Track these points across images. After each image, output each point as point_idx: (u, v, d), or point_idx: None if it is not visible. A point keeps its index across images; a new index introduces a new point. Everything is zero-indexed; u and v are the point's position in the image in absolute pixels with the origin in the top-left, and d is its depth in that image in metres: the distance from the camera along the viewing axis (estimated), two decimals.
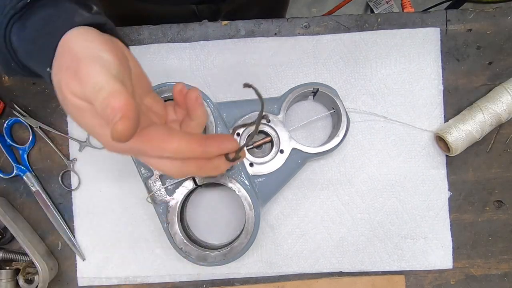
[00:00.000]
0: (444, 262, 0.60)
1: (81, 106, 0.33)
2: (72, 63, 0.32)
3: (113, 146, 0.35)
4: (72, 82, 0.32)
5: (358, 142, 0.60)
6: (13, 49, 0.37)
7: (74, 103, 0.33)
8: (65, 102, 0.34)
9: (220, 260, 0.53)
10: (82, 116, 0.34)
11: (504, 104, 0.57)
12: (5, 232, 0.59)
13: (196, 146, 0.35)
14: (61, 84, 0.33)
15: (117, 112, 0.29)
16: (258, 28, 0.60)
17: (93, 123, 0.34)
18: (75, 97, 0.33)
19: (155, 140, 0.34)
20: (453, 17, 0.60)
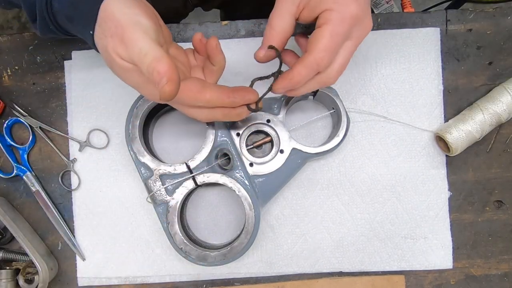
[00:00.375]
0: (444, 262, 0.60)
1: (127, 67, 0.39)
2: (117, 29, 0.37)
3: (158, 98, 0.41)
4: (119, 47, 0.37)
5: (358, 142, 0.60)
6: (53, 13, 0.41)
7: (122, 65, 0.39)
8: (112, 64, 0.39)
9: (220, 260, 0.53)
10: (129, 76, 0.40)
11: (504, 104, 0.57)
12: (5, 232, 0.59)
13: (224, 97, 0.42)
14: (107, 49, 0.38)
15: (163, 76, 0.35)
16: (258, 28, 0.60)
17: (139, 80, 0.40)
18: (122, 60, 0.38)
19: (192, 92, 0.41)
20: (453, 17, 0.60)
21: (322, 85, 0.46)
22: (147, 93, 0.41)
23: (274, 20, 0.43)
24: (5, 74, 0.60)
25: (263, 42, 0.44)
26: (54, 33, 0.44)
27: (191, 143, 0.60)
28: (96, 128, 0.60)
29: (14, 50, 0.60)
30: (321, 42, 0.41)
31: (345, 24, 0.41)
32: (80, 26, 0.40)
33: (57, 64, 0.60)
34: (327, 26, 0.41)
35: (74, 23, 0.41)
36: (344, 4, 0.40)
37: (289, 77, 0.43)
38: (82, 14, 0.40)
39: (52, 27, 0.42)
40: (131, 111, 0.53)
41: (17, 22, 1.61)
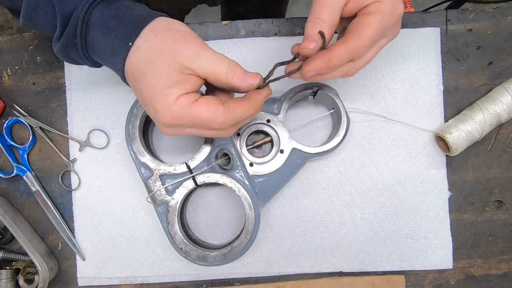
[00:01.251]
0: (444, 262, 0.60)
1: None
2: (184, 37, 0.39)
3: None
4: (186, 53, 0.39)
5: (358, 142, 0.60)
6: (87, 24, 0.41)
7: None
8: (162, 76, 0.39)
9: (220, 260, 0.53)
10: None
11: (504, 104, 0.57)
12: (5, 232, 0.59)
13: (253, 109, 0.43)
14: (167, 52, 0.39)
15: (255, 82, 0.41)
16: (258, 28, 0.60)
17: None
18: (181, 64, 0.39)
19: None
20: (453, 17, 0.60)
21: (343, 75, 0.46)
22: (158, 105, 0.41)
23: (324, 12, 0.42)
24: (5, 74, 0.60)
25: (308, 34, 0.43)
26: (74, 47, 0.43)
27: (191, 143, 0.60)
28: (96, 128, 0.60)
29: (14, 50, 0.60)
30: (369, 30, 0.41)
31: (392, 19, 0.42)
32: (119, 37, 0.40)
33: (57, 64, 0.60)
34: (377, 16, 0.41)
35: (112, 35, 0.40)
36: (396, 0, 0.42)
37: (327, 58, 0.42)
38: (125, 26, 0.40)
39: (78, 39, 0.42)
40: (131, 111, 0.53)
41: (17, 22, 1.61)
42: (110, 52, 0.41)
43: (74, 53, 0.43)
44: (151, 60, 0.39)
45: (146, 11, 0.42)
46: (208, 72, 0.40)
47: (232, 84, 0.41)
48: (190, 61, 0.39)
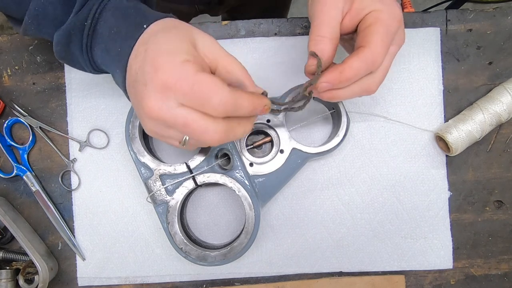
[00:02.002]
0: (444, 262, 0.60)
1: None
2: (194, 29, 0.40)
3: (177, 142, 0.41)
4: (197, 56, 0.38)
5: (358, 142, 0.60)
6: (101, 11, 0.41)
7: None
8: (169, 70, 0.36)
9: (220, 260, 0.53)
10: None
11: (504, 104, 0.57)
12: (5, 232, 0.59)
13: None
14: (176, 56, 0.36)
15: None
16: (258, 28, 0.60)
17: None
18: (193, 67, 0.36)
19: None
20: (453, 17, 0.60)
21: (364, 91, 0.45)
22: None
23: (323, 29, 0.42)
24: (5, 74, 0.60)
25: (309, 52, 0.44)
26: (81, 36, 0.42)
27: None
28: (96, 128, 0.60)
29: (14, 50, 0.60)
30: (377, 37, 0.41)
31: (393, 24, 0.42)
32: (134, 23, 0.40)
33: (57, 64, 0.60)
34: (380, 23, 0.41)
35: (128, 20, 0.40)
36: (391, 5, 0.42)
37: (340, 70, 0.42)
38: (143, 13, 0.41)
39: (87, 28, 0.41)
40: (131, 111, 0.53)
41: None
42: (122, 37, 0.40)
43: (76, 44, 0.42)
44: (165, 28, 0.39)
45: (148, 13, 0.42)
46: (219, 60, 0.39)
47: (241, 80, 0.39)
48: (204, 44, 0.39)
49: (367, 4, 0.42)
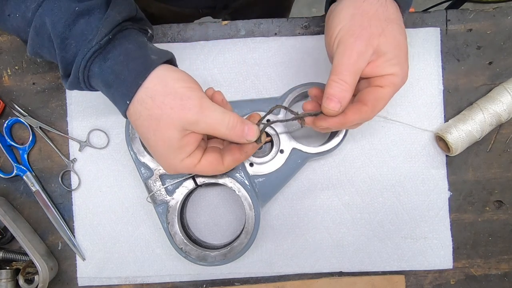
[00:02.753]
0: (444, 262, 0.60)
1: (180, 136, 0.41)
2: (181, 102, 0.40)
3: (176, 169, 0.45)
4: (189, 116, 0.40)
5: (358, 142, 0.60)
6: (89, 76, 0.42)
7: (175, 135, 0.41)
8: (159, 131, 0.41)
9: (220, 260, 0.53)
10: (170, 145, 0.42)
11: (504, 104, 0.57)
12: (5, 232, 0.59)
13: (241, 158, 0.46)
14: (165, 118, 0.40)
15: (252, 138, 0.44)
16: (258, 28, 0.60)
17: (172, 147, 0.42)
18: (179, 130, 0.41)
19: (212, 165, 0.45)
20: (453, 17, 0.60)
21: (352, 127, 0.49)
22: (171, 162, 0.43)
23: (347, 76, 0.43)
24: (5, 74, 0.60)
25: (331, 93, 0.44)
26: (82, 89, 0.45)
27: None
28: (96, 128, 0.60)
29: (14, 50, 0.60)
30: (384, 102, 0.45)
31: (403, 82, 0.45)
32: (118, 94, 0.41)
33: (57, 64, 0.60)
34: (392, 87, 0.44)
35: (111, 89, 0.42)
36: (405, 66, 0.45)
37: (342, 121, 0.45)
38: (123, 84, 0.41)
39: (83, 86, 0.43)
40: None
41: None
42: (112, 101, 0.43)
43: (80, 88, 0.45)
44: (152, 129, 0.41)
45: (142, 60, 0.41)
46: (207, 132, 0.42)
47: (231, 140, 0.44)
48: (189, 126, 0.41)
49: (388, 65, 0.44)
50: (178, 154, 0.42)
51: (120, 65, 0.41)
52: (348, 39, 0.43)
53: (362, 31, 0.43)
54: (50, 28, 0.40)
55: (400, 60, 0.44)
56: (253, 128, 0.43)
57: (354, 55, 0.43)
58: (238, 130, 0.42)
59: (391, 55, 0.43)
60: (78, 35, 0.40)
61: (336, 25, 0.44)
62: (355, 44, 0.42)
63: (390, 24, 0.43)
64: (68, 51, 0.41)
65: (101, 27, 0.40)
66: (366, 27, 0.43)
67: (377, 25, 0.43)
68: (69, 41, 0.40)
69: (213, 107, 0.41)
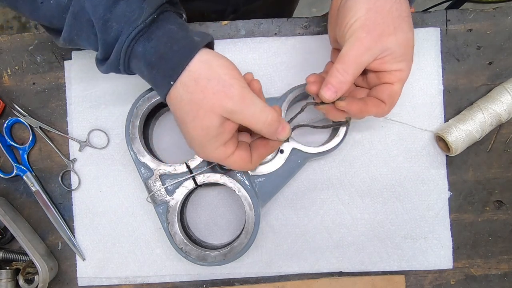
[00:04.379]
0: (444, 262, 0.60)
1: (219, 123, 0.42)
2: (224, 88, 0.40)
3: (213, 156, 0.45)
4: (228, 104, 0.41)
5: (358, 142, 0.60)
6: (130, 57, 0.42)
7: (214, 121, 0.41)
8: (199, 116, 0.41)
9: (220, 260, 0.53)
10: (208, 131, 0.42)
11: (504, 104, 0.57)
12: (5, 232, 0.59)
13: (267, 153, 0.48)
14: (205, 103, 0.41)
15: (285, 135, 0.45)
16: (258, 28, 0.60)
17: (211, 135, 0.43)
18: (219, 116, 0.41)
19: (244, 161, 0.46)
20: (453, 17, 0.60)
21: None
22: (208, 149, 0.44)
23: (350, 67, 0.44)
24: (5, 74, 0.60)
25: (330, 81, 0.45)
26: (119, 72, 0.45)
27: None
28: (96, 128, 0.60)
29: (14, 50, 0.60)
30: (397, 97, 0.48)
31: (407, 79, 0.48)
32: (161, 75, 0.41)
33: (57, 64, 0.60)
34: (400, 85, 0.47)
35: (153, 71, 0.42)
36: (410, 64, 0.47)
37: (362, 109, 0.47)
38: (167, 65, 0.41)
39: (122, 68, 0.43)
40: (131, 111, 0.53)
41: (17, 22, 1.61)
42: (153, 83, 0.44)
43: (118, 73, 0.45)
44: (192, 113, 0.41)
45: (186, 41, 0.41)
46: (243, 123, 0.43)
47: (261, 134, 0.45)
48: (228, 114, 0.41)
49: (395, 62, 0.45)
50: (214, 141, 0.43)
51: (164, 46, 0.41)
52: (360, 33, 0.43)
53: (375, 27, 0.43)
54: (91, 12, 0.40)
55: (407, 57, 0.46)
56: (287, 128, 0.45)
57: (362, 49, 0.44)
58: (273, 128, 0.43)
59: (399, 53, 0.44)
60: (119, 16, 0.40)
61: (351, 17, 0.44)
62: (365, 39, 0.43)
63: (402, 22, 0.44)
64: (110, 33, 0.41)
65: (146, 7, 0.40)
66: (379, 23, 0.43)
67: (389, 23, 0.43)
68: (111, 23, 0.40)
69: (254, 99, 0.42)
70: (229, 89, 0.41)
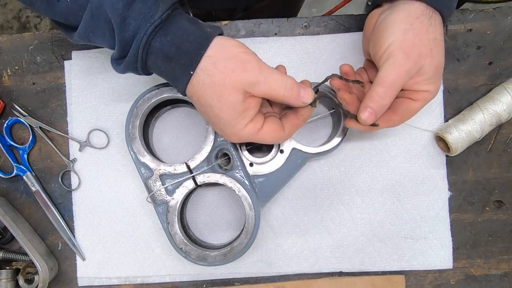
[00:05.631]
0: (444, 262, 0.60)
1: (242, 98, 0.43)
2: (242, 65, 0.42)
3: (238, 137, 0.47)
4: (249, 78, 0.42)
5: (358, 142, 0.60)
6: (147, 53, 0.43)
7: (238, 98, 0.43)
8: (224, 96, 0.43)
9: (220, 260, 0.53)
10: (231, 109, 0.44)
11: (504, 104, 0.57)
12: (5, 232, 0.59)
13: (300, 125, 0.48)
14: (227, 82, 0.42)
15: (308, 100, 0.46)
16: (258, 28, 0.60)
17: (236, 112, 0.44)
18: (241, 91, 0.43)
19: (275, 132, 0.47)
20: (453, 17, 0.60)
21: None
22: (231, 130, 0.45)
23: (391, 90, 0.45)
24: (5, 74, 0.60)
25: (371, 106, 0.46)
26: (136, 71, 0.45)
27: (191, 143, 0.60)
28: (96, 128, 0.60)
29: (14, 50, 0.60)
30: (413, 114, 0.49)
31: (430, 100, 0.48)
32: (180, 66, 0.43)
33: (57, 64, 0.60)
34: (422, 104, 0.48)
35: (172, 63, 0.43)
36: (438, 87, 0.48)
37: (371, 128, 0.49)
38: (185, 55, 0.42)
39: (139, 66, 0.44)
40: (131, 111, 0.53)
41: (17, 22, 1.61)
42: (172, 77, 0.45)
43: (135, 73, 0.46)
44: (216, 95, 0.43)
45: (200, 32, 0.43)
46: (266, 95, 0.44)
47: (287, 103, 0.45)
48: (250, 87, 0.43)
49: (426, 84, 0.46)
50: (242, 118, 0.44)
51: (180, 38, 0.42)
52: (399, 54, 0.44)
53: (413, 49, 0.44)
54: (109, 9, 0.41)
55: (437, 79, 0.47)
56: (309, 91, 0.45)
57: (403, 72, 0.44)
58: (295, 92, 0.44)
59: (431, 75, 0.45)
60: (136, 13, 0.41)
61: (388, 36, 0.45)
62: (406, 62, 0.44)
63: (437, 45, 0.45)
64: (128, 30, 0.42)
65: (161, 3, 0.42)
66: (417, 45, 0.44)
67: (426, 45, 0.44)
68: (128, 20, 0.41)
69: (271, 69, 0.44)
70: (247, 64, 0.43)
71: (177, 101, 0.57)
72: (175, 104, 0.59)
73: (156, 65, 0.44)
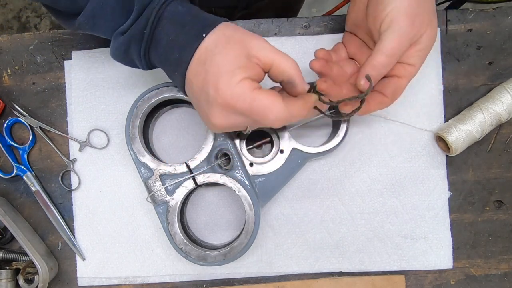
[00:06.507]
0: (444, 262, 0.60)
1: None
2: (249, 34, 0.43)
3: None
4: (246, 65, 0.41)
5: (358, 142, 0.60)
6: (158, 19, 0.42)
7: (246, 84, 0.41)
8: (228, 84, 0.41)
9: (220, 260, 0.53)
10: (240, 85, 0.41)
11: (504, 104, 0.57)
12: (5, 232, 0.59)
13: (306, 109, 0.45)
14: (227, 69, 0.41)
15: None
16: (258, 28, 0.60)
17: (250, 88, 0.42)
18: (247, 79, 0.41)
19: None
20: (453, 17, 0.60)
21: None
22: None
23: (393, 58, 0.44)
24: (5, 74, 0.60)
25: (365, 70, 0.45)
26: (138, 43, 0.44)
27: (191, 143, 0.60)
28: (96, 128, 0.60)
29: (14, 50, 0.60)
30: (401, 92, 0.48)
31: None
32: (194, 31, 0.42)
33: (57, 64, 0.60)
34: (407, 80, 0.47)
35: (185, 29, 0.42)
36: (422, 62, 0.47)
37: (363, 111, 0.48)
38: (203, 21, 0.42)
39: (147, 30, 0.43)
40: (131, 111, 0.53)
41: (17, 22, 1.61)
42: (179, 45, 0.42)
43: (135, 50, 0.45)
44: (222, 43, 0.41)
45: (207, 16, 0.44)
46: (273, 61, 0.42)
47: (292, 78, 0.43)
48: (257, 49, 0.41)
49: (416, 56, 0.45)
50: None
51: (196, 10, 0.43)
52: (403, 21, 0.42)
53: (416, 17, 0.42)
54: None
55: (424, 54, 0.45)
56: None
57: (406, 40, 0.43)
58: (300, 72, 0.43)
59: (423, 47, 0.44)
60: None
61: (390, 1, 0.43)
62: (411, 29, 0.42)
63: (434, 17, 0.44)
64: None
65: None
66: (420, 13, 0.42)
67: (428, 13, 0.43)
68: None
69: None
70: (253, 35, 0.43)
71: (177, 101, 0.57)
72: (175, 104, 0.59)
73: (164, 32, 0.43)
